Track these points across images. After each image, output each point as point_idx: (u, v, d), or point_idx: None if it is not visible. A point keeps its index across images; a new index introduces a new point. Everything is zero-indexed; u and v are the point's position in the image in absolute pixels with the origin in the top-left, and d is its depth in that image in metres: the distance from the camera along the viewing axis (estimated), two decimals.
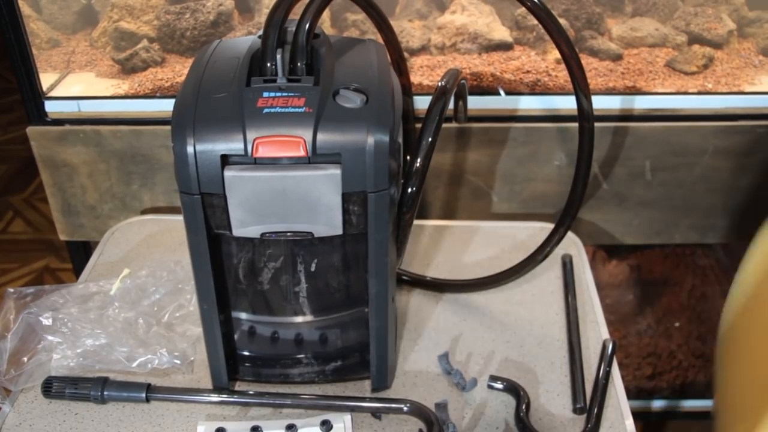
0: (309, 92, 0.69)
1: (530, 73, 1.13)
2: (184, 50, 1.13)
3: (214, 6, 1.10)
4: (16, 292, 0.94)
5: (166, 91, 1.15)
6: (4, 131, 2.90)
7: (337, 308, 0.86)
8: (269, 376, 0.86)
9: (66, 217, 1.25)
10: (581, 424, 0.82)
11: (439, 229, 1.14)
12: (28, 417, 0.83)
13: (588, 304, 0.99)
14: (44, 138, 1.17)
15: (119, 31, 1.12)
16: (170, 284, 0.97)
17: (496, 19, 1.10)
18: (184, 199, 0.70)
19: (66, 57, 1.15)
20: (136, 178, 1.20)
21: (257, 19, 1.11)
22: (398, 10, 1.10)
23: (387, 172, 0.69)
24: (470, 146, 1.16)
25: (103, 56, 1.15)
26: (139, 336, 0.90)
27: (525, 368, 0.89)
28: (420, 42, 1.12)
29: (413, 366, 0.90)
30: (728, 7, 1.12)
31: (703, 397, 1.59)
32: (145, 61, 1.14)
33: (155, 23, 1.12)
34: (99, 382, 0.84)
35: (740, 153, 1.16)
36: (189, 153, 0.67)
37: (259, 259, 0.81)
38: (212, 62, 0.74)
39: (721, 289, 1.48)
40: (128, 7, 1.10)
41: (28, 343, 0.89)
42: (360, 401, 0.83)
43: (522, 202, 1.22)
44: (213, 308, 0.78)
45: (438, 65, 1.13)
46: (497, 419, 0.83)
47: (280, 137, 0.66)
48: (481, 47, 1.11)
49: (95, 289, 0.97)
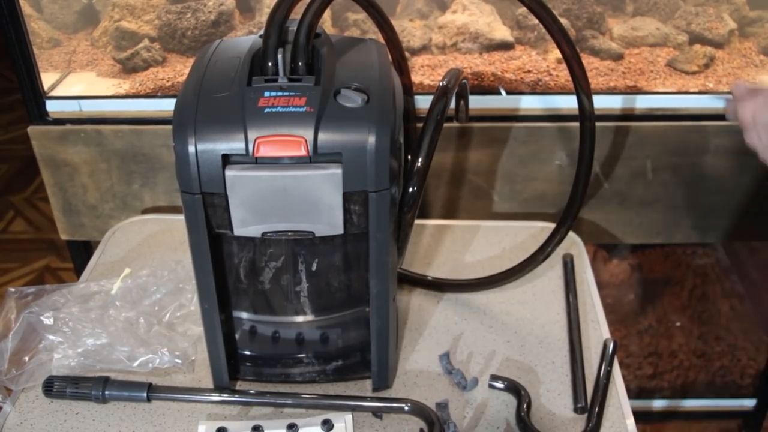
0: (310, 92, 0.69)
1: (531, 72, 1.13)
2: (185, 50, 1.13)
3: (215, 5, 1.10)
4: (17, 291, 0.94)
5: (167, 91, 1.15)
6: (5, 131, 2.90)
7: (338, 308, 0.86)
8: (270, 376, 0.86)
9: (67, 216, 1.25)
10: (582, 424, 0.82)
11: (440, 228, 1.14)
12: (29, 416, 0.83)
13: (589, 303, 0.99)
14: (45, 137, 1.17)
15: (120, 31, 1.12)
16: (171, 284, 0.97)
17: (497, 19, 1.10)
18: (185, 199, 0.70)
19: (67, 56, 1.15)
20: (137, 178, 1.20)
21: (258, 19, 1.11)
22: (399, 10, 1.10)
23: (388, 171, 0.69)
24: (471, 146, 1.16)
25: (104, 56, 1.15)
26: (140, 335, 0.90)
27: (526, 368, 0.89)
28: (421, 41, 1.12)
29: (414, 365, 0.90)
30: (729, 6, 1.12)
31: (704, 396, 1.59)
32: (146, 60, 1.14)
33: (156, 23, 1.12)
34: (100, 381, 0.84)
35: (741, 153, 1.16)
36: (190, 152, 0.67)
37: (260, 259, 0.81)
38: (213, 62, 0.74)
39: (722, 289, 1.48)
40: (129, 6, 1.10)
41: (29, 343, 0.89)
42: (361, 401, 0.83)
43: (523, 201, 1.22)
44: (214, 308, 0.78)
45: (439, 65, 1.13)
46: (498, 419, 0.83)
47: (281, 137, 0.66)
48: (482, 47, 1.11)
49: (96, 288, 0.97)
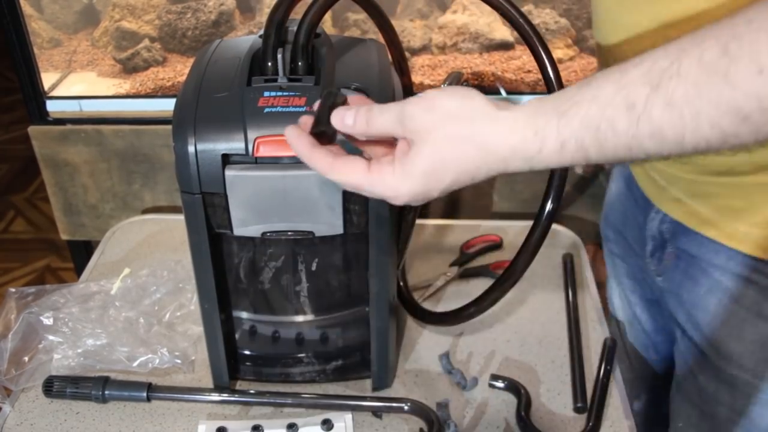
0: (310, 92, 0.69)
1: (531, 72, 1.13)
2: (185, 50, 1.14)
3: (216, 6, 1.10)
4: (17, 291, 0.94)
5: (168, 91, 1.16)
6: (6, 131, 2.91)
7: (338, 307, 0.86)
8: (270, 376, 0.86)
9: (67, 216, 1.25)
10: (582, 423, 0.82)
11: (440, 228, 1.14)
12: (29, 416, 0.83)
13: (589, 303, 0.99)
14: (46, 137, 1.17)
15: (120, 31, 1.12)
16: (171, 283, 0.97)
17: (497, 19, 1.10)
18: (185, 199, 0.70)
19: (67, 56, 1.15)
20: (137, 178, 1.20)
21: (258, 19, 1.11)
22: (399, 10, 1.10)
23: None
24: None
25: (104, 56, 1.15)
26: (139, 335, 0.90)
27: (526, 367, 0.89)
28: (421, 41, 1.12)
29: (414, 365, 0.90)
30: None
31: None
32: (146, 60, 1.14)
33: (156, 23, 1.12)
34: (100, 381, 0.84)
35: None
36: (190, 152, 0.67)
37: (260, 259, 0.81)
38: (213, 62, 0.74)
39: None
40: (130, 6, 1.10)
41: (29, 343, 0.89)
42: (361, 400, 0.83)
43: (523, 201, 1.22)
44: (214, 307, 0.78)
45: (439, 65, 1.13)
46: (498, 418, 0.83)
47: (281, 137, 0.66)
48: (482, 47, 1.11)
49: (96, 288, 0.97)
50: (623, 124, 0.46)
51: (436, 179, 0.53)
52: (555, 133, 0.49)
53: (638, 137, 0.46)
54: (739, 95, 0.43)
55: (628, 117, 0.46)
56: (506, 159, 0.51)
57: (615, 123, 0.47)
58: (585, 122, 0.48)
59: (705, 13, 0.60)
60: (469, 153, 0.52)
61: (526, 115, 0.50)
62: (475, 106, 0.52)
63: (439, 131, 0.52)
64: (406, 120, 0.53)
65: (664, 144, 0.46)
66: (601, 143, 0.48)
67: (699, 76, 0.44)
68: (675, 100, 0.44)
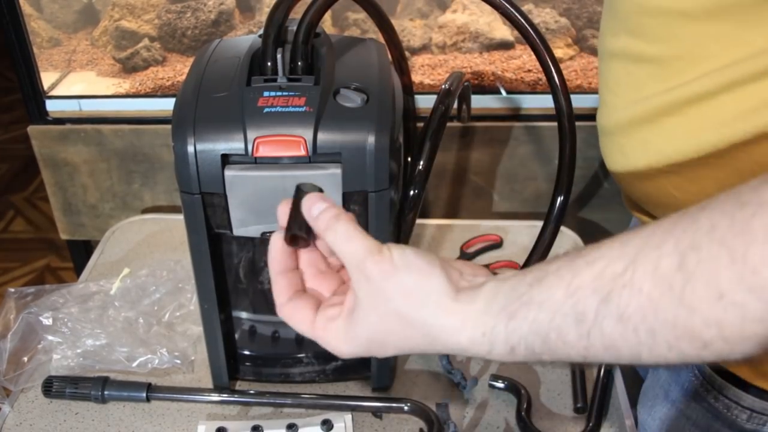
0: (309, 91, 0.69)
1: (531, 72, 1.13)
2: (184, 49, 1.13)
3: (215, 5, 1.10)
4: (16, 292, 0.94)
5: (167, 90, 1.15)
6: (5, 130, 2.90)
7: None
8: (270, 376, 0.86)
9: (67, 216, 1.25)
10: (582, 424, 0.82)
11: (440, 228, 1.14)
12: (28, 417, 0.83)
13: None
14: (45, 137, 1.17)
15: (120, 30, 1.12)
16: (171, 283, 0.97)
17: (497, 18, 1.09)
18: (184, 199, 0.69)
19: (67, 56, 1.15)
20: (136, 178, 1.20)
21: (258, 18, 1.11)
22: (399, 9, 1.10)
23: (387, 171, 0.68)
24: (472, 145, 1.16)
25: (104, 55, 1.14)
26: (139, 335, 0.90)
27: (526, 367, 0.89)
28: (421, 41, 1.11)
29: (414, 365, 0.90)
30: None
31: None
32: (146, 60, 1.14)
33: (156, 22, 1.11)
34: (99, 381, 0.84)
35: None
36: (189, 152, 0.66)
37: (259, 259, 0.81)
38: (213, 61, 0.73)
39: None
40: (129, 6, 1.10)
41: (28, 343, 0.89)
42: (361, 401, 0.83)
43: (523, 201, 1.22)
44: (213, 307, 0.78)
45: (439, 64, 1.13)
46: (498, 419, 0.83)
47: (281, 137, 0.66)
48: (483, 46, 1.11)
49: (95, 288, 0.97)
50: (573, 336, 0.42)
51: (379, 347, 0.50)
52: (503, 336, 0.45)
53: (591, 349, 0.42)
54: (697, 321, 0.37)
55: (578, 329, 0.42)
56: (455, 351, 0.48)
57: (564, 334, 0.42)
58: (534, 328, 0.43)
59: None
60: (414, 337, 0.48)
61: (478, 312, 0.46)
62: (430, 290, 0.47)
63: (388, 304, 0.48)
64: (362, 274, 0.48)
65: (621, 358, 0.42)
66: (553, 350, 0.43)
67: (653, 290, 0.38)
68: (628, 314, 0.39)
